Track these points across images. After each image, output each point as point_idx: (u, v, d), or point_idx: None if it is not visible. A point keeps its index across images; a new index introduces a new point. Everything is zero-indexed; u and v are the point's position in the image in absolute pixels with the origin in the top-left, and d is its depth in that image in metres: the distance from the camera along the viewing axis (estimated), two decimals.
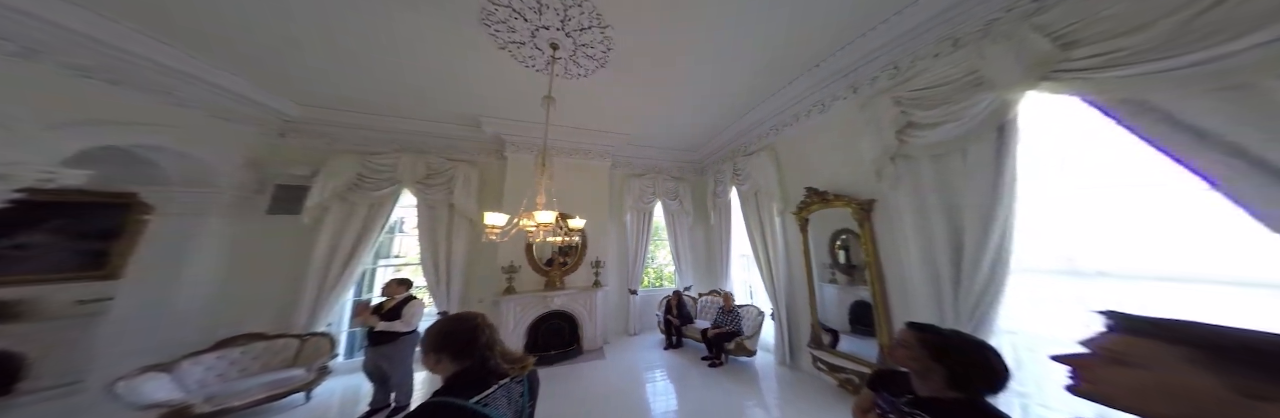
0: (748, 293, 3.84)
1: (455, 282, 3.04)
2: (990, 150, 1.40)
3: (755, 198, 3.14)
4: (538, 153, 1.97)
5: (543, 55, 2.05)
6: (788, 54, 2.17)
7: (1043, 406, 1.32)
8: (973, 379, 0.70)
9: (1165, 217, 1.08)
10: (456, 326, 0.78)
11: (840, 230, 2.33)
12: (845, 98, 2.31)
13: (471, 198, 3.17)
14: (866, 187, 2.08)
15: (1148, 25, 1.01)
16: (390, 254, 3.68)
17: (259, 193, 2.73)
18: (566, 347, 3.09)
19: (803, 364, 2.62)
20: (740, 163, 3.37)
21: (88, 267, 2.38)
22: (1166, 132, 0.97)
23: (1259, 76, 0.83)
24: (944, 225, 1.54)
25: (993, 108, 1.39)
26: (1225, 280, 1.00)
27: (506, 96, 2.71)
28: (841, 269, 2.34)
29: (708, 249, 4.21)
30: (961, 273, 1.43)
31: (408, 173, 2.95)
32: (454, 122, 3.17)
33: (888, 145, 1.82)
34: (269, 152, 2.78)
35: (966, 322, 1.38)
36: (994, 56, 1.37)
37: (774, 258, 2.87)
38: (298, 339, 2.50)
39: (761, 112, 3.01)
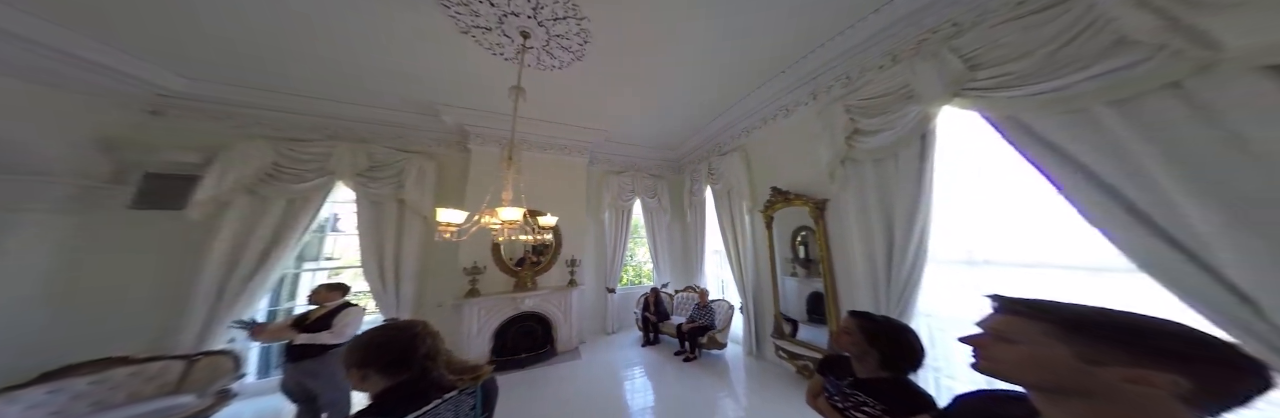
0: (720, 288, 4.06)
1: (406, 286, 2.75)
2: (915, 156, 1.63)
3: (728, 197, 3.33)
4: (505, 146, 1.85)
5: (512, 43, 1.95)
6: (758, 59, 2.32)
7: (950, 377, 1.60)
8: (898, 360, 0.82)
9: (1036, 215, 1.34)
10: (388, 336, 0.71)
11: (800, 228, 2.56)
12: (806, 104, 2.53)
13: (427, 193, 2.89)
14: (821, 187, 2.30)
15: (1028, 54, 1.25)
16: (320, 257, 3.18)
17: (117, 183, 2.17)
18: (539, 349, 3.05)
19: (767, 354, 2.85)
20: (715, 163, 3.55)
21: None
22: (1032, 145, 1.22)
23: (1090, 103, 1.07)
24: (880, 223, 1.77)
25: (918, 118, 1.62)
26: (1077, 266, 1.28)
27: (471, 85, 2.53)
28: (801, 264, 2.57)
29: (684, 246, 4.38)
30: (892, 264, 1.67)
31: (345, 164, 2.60)
32: (407, 109, 2.88)
33: (839, 150, 2.03)
34: (134, 132, 2.22)
35: (894, 307, 1.62)
36: (922, 72, 1.59)
37: (743, 254, 3.08)
38: (183, 361, 2.05)
39: (734, 113, 3.19)
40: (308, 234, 2.60)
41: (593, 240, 3.98)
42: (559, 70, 2.31)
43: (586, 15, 1.78)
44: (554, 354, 3.10)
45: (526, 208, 1.69)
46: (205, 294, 2.20)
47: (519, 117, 2.87)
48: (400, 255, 2.78)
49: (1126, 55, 1.01)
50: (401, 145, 3.00)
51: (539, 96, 2.68)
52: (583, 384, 2.57)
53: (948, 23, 1.62)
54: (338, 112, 2.78)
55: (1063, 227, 1.17)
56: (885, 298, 1.69)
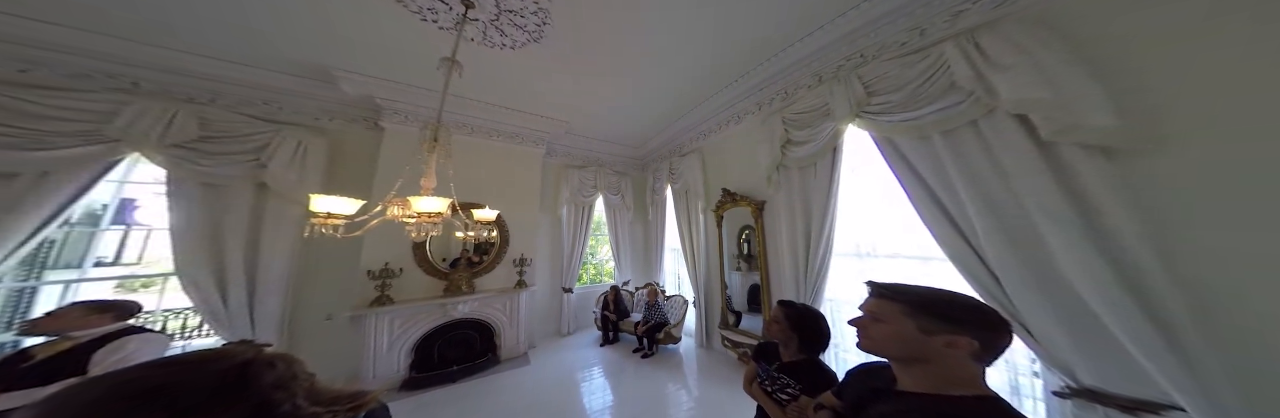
0: (677, 284, 4.38)
1: (268, 297, 2.22)
2: (828, 166, 2.02)
3: (686, 196, 3.62)
4: (429, 126, 1.53)
5: (450, 11, 1.74)
6: (714, 65, 2.54)
7: (846, 352, 2.04)
8: (811, 343, 0.97)
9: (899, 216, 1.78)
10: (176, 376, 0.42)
11: (744, 226, 2.92)
12: (753, 113, 2.88)
13: (310, 175, 2.39)
14: (761, 190, 2.66)
15: (902, 87, 1.64)
16: (84, 261, 2.19)
17: None
18: (476, 359, 2.82)
19: (716, 344, 3.20)
20: (675, 162, 3.82)
21: None
22: (896, 161, 1.63)
23: (931, 131, 1.48)
24: (802, 222, 2.14)
25: (832, 133, 2.00)
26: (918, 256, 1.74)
27: (390, 51, 2.16)
28: (744, 259, 2.94)
29: (645, 244, 4.62)
30: (809, 258, 2.05)
31: (147, 129, 1.93)
32: (283, 70, 2.36)
33: (775, 157, 2.38)
34: None
35: (809, 294, 2.00)
36: (836, 94, 1.96)
37: (697, 251, 3.39)
38: None
39: (694, 116, 3.47)
40: (52, 228, 1.82)
41: (548, 237, 3.93)
42: (511, 50, 2.13)
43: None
44: (496, 363, 2.94)
45: (459, 200, 1.52)
46: None
47: (460, 97, 2.68)
48: (257, 257, 2.22)
49: (954, 96, 1.42)
50: (267, 114, 2.44)
51: (488, 77, 2.53)
52: (532, 392, 2.47)
53: (857, 53, 2.01)
54: (147, 58, 2.04)
55: (913, 225, 1.58)
56: (803, 287, 2.07)
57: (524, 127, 3.43)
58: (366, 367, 2.45)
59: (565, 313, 3.91)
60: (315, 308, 2.51)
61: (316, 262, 2.51)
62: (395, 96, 2.68)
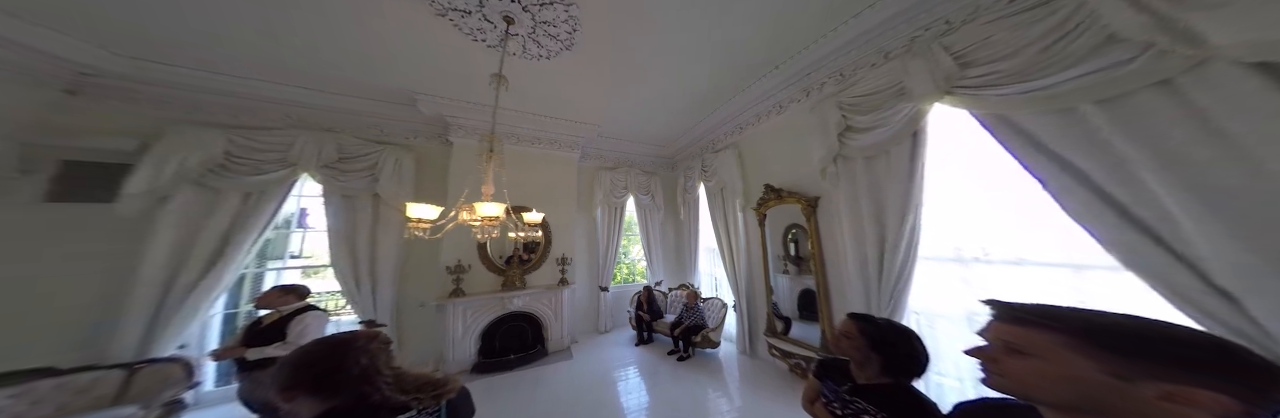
0: (713, 286, 4.07)
1: (383, 286, 2.59)
2: (906, 154, 1.64)
3: (721, 194, 3.33)
4: (485, 138, 1.69)
5: (495, 29, 1.84)
6: (750, 54, 2.29)
7: (939, 374, 1.63)
8: (902, 366, 0.79)
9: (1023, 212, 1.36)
10: (313, 355, 0.63)
11: (791, 225, 2.57)
12: (799, 101, 2.52)
13: (405, 187, 2.73)
14: (813, 184, 2.31)
15: (1017, 52, 1.25)
16: (285, 254, 2.91)
17: (27, 173, 1.91)
18: (529, 350, 2.99)
19: (760, 352, 2.88)
20: (708, 159, 3.54)
21: None
22: (1018, 142, 1.23)
23: (1077, 101, 1.08)
24: (872, 220, 1.78)
25: (910, 116, 1.62)
26: (1060, 264, 1.31)
27: (452, 73, 2.36)
28: (792, 261, 2.59)
29: (678, 244, 4.38)
30: (884, 262, 1.68)
31: (309, 155, 2.40)
32: (381, 98, 2.69)
33: (831, 147, 2.03)
34: (47, 114, 1.93)
35: (886, 305, 1.63)
36: (914, 70, 1.59)
37: (736, 252, 3.08)
38: (123, 369, 1.89)
39: (727, 110, 3.17)
40: (269, 231, 2.40)
41: (584, 238, 3.92)
42: (547, 60, 2.20)
43: (574, 1, 1.70)
44: (545, 355, 3.05)
45: (511, 204, 1.62)
46: (147, 296, 1.99)
47: (507, 109, 2.84)
48: (376, 254, 2.62)
49: (1114, 54, 1.02)
50: (376, 136, 2.85)
51: (528, 88, 2.60)
52: (575, 385, 2.53)
53: (940, 20, 1.62)
54: (300, 98, 2.54)
55: (1048, 224, 1.19)
56: (877, 296, 1.71)
57: (560, 132, 3.48)
58: (448, 349, 2.75)
59: (602, 311, 3.87)
60: (412, 297, 2.82)
61: (412, 258, 2.80)
62: (458, 113, 2.90)
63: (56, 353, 1.87)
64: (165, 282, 2.06)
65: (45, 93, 1.95)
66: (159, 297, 2.04)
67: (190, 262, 2.11)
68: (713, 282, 4.11)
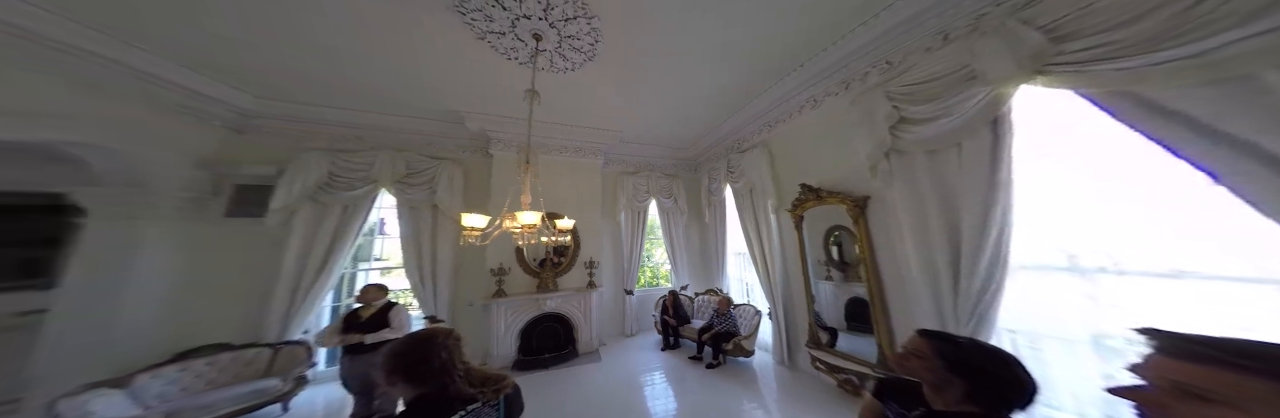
0: (744, 292, 3.84)
1: (442, 285, 2.93)
2: (985, 145, 1.39)
3: (750, 195, 3.12)
4: (522, 150, 1.88)
5: (526, 47, 1.94)
6: (778, 50, 2.14)
7: (1049, 407, 1.31)
8: (1002, 395, 0.64)
9: (1169, 211, 1.08)
10: (409, 346, 0.72)
11: (834, 227, 2.32)
12: (836, 94, 2.30)
13: (456, 198, 3.04)
14: (860, 183, 2.07)
15: (1140, 18, 1.00)
16: (371, 257, 3.47)
17: (216, 195, 2.52)
18: (561, 350, 3.04)
19: (801, 364, 2.62)
20: (734, 160, 3.35)
21: (21, 275, 2.18)
22: (1161, 124, 0.97)
23: (1255, 67, 0.83)
24: (941, 222, 1.53)
25: (986, 102, 1.38)
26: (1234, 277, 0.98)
27: (490, 91, 2.56)
28: (836, 266, 2.34)
29: (703, 248, 4.18)
30: (960, 271, 1.42)
31: (385, 172, 2.80)
32: (434, 117, 2.99)
33: (881, 141, 1.80)
34: (225, 149, 2.53)
35: (967, 321, 1.38)
36: (985, 51, 1.36)
37: (770, 256, 2.86)
38: (270, 349, 2.38)
39: (754, 108, 2.98)
40: (360, 237, 2.86)
41: (610, 242, 3.91)
42: (572, 72, 2.27)
43: (596, 14, 1.73)
44: (576, 355, 3.06)
45: (545, 211, 1.68)
46: (284, 291, 2.50)
47: (535, 120, 2.88)
48: (436, 257, 2.93)
49: None
50: (432, 152, 3.13)
51: (555, 99, 2.66)
52: (604, 387, 2.51)
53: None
54: (377, 123, 2.93)
55: (1210, 227, 0.92)
56: (953, 309, 1.45)
57: (585, 140, 3.54)
58: (493, 346, 2.90)
59: (628, 314, 3.83)
60: (463, 296, 3.06)
61: (463, 261, 3.06)
62: (497, 128, 3.09)
63: (230, 333, 2.37)
64: (295, 278, 2.54)
65: (222, 133, 2.57)
66: (291, 291, 2.52)
67: (310, 263, 2.58)
68: (743, 287, 3.88)
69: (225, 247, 2.48)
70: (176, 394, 2.03)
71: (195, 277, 2.36)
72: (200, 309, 2.34)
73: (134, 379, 1.92)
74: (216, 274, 2.43)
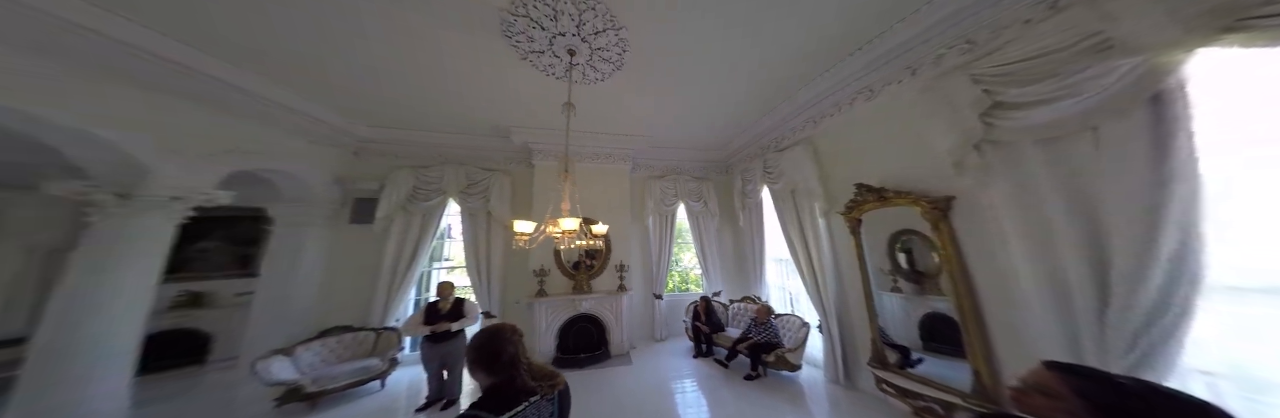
0: (787, 301, 3.49)
1: (495, 284, 3.22)
2: (1139, 128, 1.07)
3: (792, 197, 2.84)
4: (561, 159, 1.98)
5: (562, 62, 2.01)
6: (823, 39, 1.92)
7: None
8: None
9: None
10: (486, 340, 0.79)
11: (901, 232, 2.00)
12: (900, 81, 2.00)
13: (506, 205, 3.33)
14: (939, 181, 1.75)
15: None
16: (442, 258, 3.82)
17: (344, 206, 3.11)
18: (594, 350, 3.07)
19: (862, 384, 2.28)
20: (771, 160, 3.09)
21: (240, 266, 3.31)
22: None
23: None
24: (1073, 228, 1.20)
25: (1138, 75, 1.07)
26: None
27: (531, 106, 2.72)
28: (906, 277, 2.00)
29: (737, 253, 3.92)
30: (1111, 291, 1.09)
31: (452, 184, 3.20)
32: (486, 133, 3.28)
33: (968, 131, 1.50)
34: (348, 169, 3.12)
35: (1124, 355, 1.04)
36: (1128, 13, 1.05)
37: (819, 263, 2.56)
38: (374, 332, 2.80)
39: (794, 104, 2.73)
40: (434, 240, 3.28)
41: (639, 246, 3.86)
42: (602, 82, 2.31)
43: (624, 24, 1.73)
44: (608, 357, 3.08)
45: (581, 217, 1.76)
46: (382, 285, 2.95)
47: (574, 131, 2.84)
48: (490, 258, 3.26)
49: None
50: (485, 165, 3.44)
51: (586, 109, 2.69)
52: (635, 390, 2.46)
53: None
54: (445, 141, 3.32)
55: None
56: (1097, 339, 1.12)
57: (614, 146, 3.59)
58: (536, 344, 2.97)
59: (657, 319, 3.75)
60: (511, 294, 3.30)
61: (510, 263, 3.34)
62: (539, 140, 3.31)
63: (350, 317, 2.85)
64: (390, 274, 2.98)
65: (346, 156, 3.17)
66: (388, 285, 2.96)
67: (401, 261, 3.03)
68: (786, 296, 3.54)
69: (349, 248, 3.03)
70: (319, 364, 2.46)
71: (332, 271, 2.95)
72: (334, 297, 2.90)
73: (295, 350, 2.42)
74: (343, 269, 2.97)
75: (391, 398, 2.47)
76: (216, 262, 3.30)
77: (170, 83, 1.87)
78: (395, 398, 2.47)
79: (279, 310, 2.65)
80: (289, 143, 2.57)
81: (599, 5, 1.59)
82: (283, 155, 2.51)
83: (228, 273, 3.31)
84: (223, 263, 3.32)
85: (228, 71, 2.00)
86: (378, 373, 2.52)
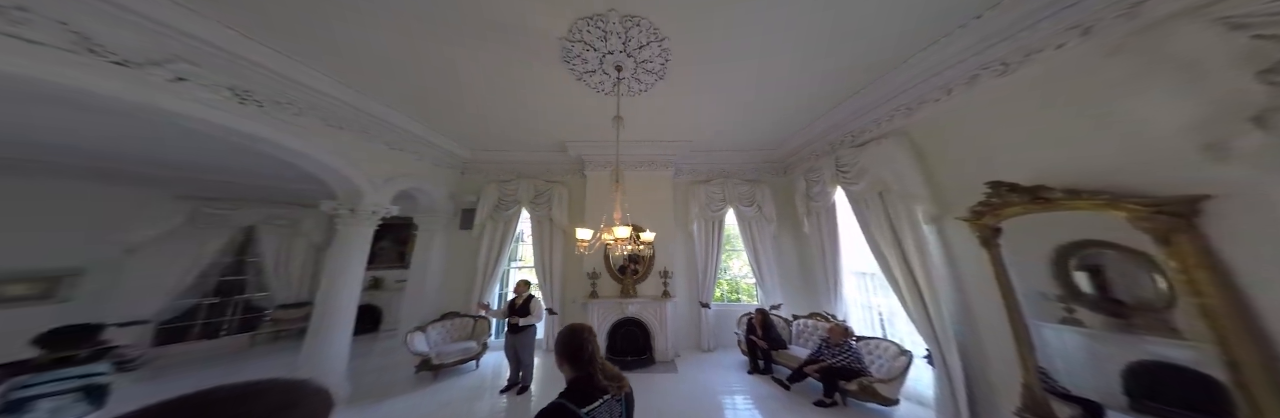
0: (876, 322, 2.85)
1: (556, 283, 3.47)
2: None
3: (880, 200, 2.32)
4: (612, 169, 2.14)
5: (610, 78, 2.05)
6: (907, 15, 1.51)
7: None
8: None
9: None
10: (569, 336, 0.85)
11: (1079, 244, 1.43)
12: (1060, 46, 1.47)
13: (563, 212, 3.59)
14: (1168, 173, 1.19)
15: None
16: (517, 258, 4.34)
17: (455, 216, 3.71)
18: (640, 354, 3.04)
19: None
20: (846, 156, 2.59)
21: (398, 260, 4.38)
22: None
23: None
24: None
25: None
26: None
27: (583, 121, 2.83)
28: (1092, 305, 1.41)
29: (802, 262, 3.41)
30: None
31: (524, 195, 3.57)
32: (549, 149, 3.58)
33: (1234, 99, 0.98)
34: (457, 186, 3.71)
35: None
36: None
37: (926, 281, 2.01)
38: (472, 319, 3.23)
39: (874, 93, 2.25)
40: (512, 244, 3.73)
41: (683, 253, 3.63)
42: (644, 93, 2.28)
43: (666, 35, 1.72)
44: (653, 362, 2.99)
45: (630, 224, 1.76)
46: (478, 279, 3.46)
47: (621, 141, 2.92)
48: (552, 260, 3.53)
49: None
50: (548, 177, 3.75)
51: (630, 119, 2.58)
52: (681, 402, 2.31)
53: None
54: (519, 158, 3.74)
55: None
56: None
57: (657, 153, 3.52)
58: None
59: (704, 328, 3.43)
60: (569, 293, 3.49)
61: (568, 265, 3.55)
62: (590, 152, 3.49)
63: (458, 305, 3.37)
64: (482, 271, 3.47)
65: (455, 173, 3.75)
66: (481, 279, 3.44)
67: (489, 261, 3.50)
68: (872, 317, 2.90)
69: (458, 249, 3.60)
70: (440, 342, 2.95)
71: (449, 267, 3.57)
72: (450, 288, 3.46)
73: (428, 327, 2.95)
74: (455, 266, 3.55)
75: (482, 378, 2.79)
76: (387, 256, 4.33)
77: (368, 127, 2.53)
78: (485, 378, 2.78)
79: (419, 296, 3.29)
80: (424, 167, 3.17)
81: (644, 21, 1.60)
82: (422, 177, 3.10)
83: (392, 265, 4.36)
84: (390, 257, 4.39)
85: (390, 114, 2.58)
86: (475, 354, 2.93)
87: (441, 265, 3.51)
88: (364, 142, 2.51)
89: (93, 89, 1.25)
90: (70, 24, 1.20)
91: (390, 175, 2.70)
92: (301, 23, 1.54)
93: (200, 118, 1.58)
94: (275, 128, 1.87)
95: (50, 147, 2.37)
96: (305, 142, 2.04)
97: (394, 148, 2.78)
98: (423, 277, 3.36)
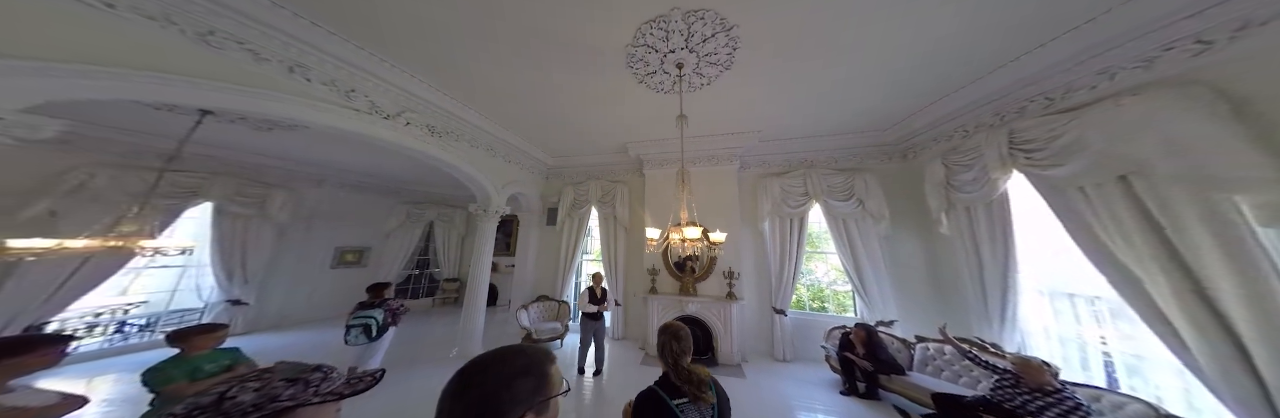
0: (1078, 362, 1.79)
1: (620, 277, 3.45)
2: None
3: (1121, 186, 1.45)
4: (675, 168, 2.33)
5: (670, 77, 1.93)
6: None
7: None
8: None
9: None
10: (660, 333, 0.89)
11: None
12: None
13: (626, 210, 3.58)
14: None
15: None
16: (588, 251, 4.52)
17: (543, 214, 4.01)
18: (701, 354, 2.81)
19: None
20: (1033, 129, 1.74)
21: (506, 250, 4.69)
22: None
23: None
24: None
25: None
26: None
27: (642, 121, 2.72)
28: None
29: (933, 272, 2.55)
30: None
31: (594, 195, 3.64)
32: (612, 151, 3.55)
33: None
34: (544, 188, 4.05)
35: None
36: None
37: (1243, 312, 1.14)
38: (557, 302, 3.45)
39: (1103, 32, 1.39)
40: (584, 238, 3.85)
41: (752, 253, 3.08)
42: (707, 86, 2.08)
43: (736, 23, 1.50)
44: (715, 364, 2.74)
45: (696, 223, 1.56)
46: (560, 269, 3.62)
47: (671, 138, 3.00)
48: (616, 255, 3.53)
49: None
50: (612, 178, 3.77)
51: (690, 114, 2.26)
52: (755, 407, 2.06)
53: None
54: (589, 161, 3.83)
55: None
56: None
57: (719, 147, 3.10)
58: (650, 336, 3.00)
59: (778, 336, 2.84)
60: (631, 287, 3.45)
61: (630, 260, 3.53)
62: (649, 151, 3.35)
63: (545, 290, 3.67)
64: (565, 261, 3.64)
65: (541, 177, 4.06)
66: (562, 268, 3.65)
67: (568, 254, 3.65)
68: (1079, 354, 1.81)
69: (545, 242, 3.91)
70: (536, 320, 3.22)
71: (539, 257, 3.87)
72: (540, 274, 3.81)
73: (528, 307, 3.27)
74: (543, 257, 3.85)
75: (563, 357, 2.77)
76: (499, 246, 4.79)
77: (493, 145, 3.00)
78: (565, 357, 2.77)
79: (521, 279, 3.75)
80: (524, 174, 3.61)
81: (707, 14, 1.45)
82: (523, 182, 3.56)
83: (501, 253, 4.81)
84: (500, 247, 4.82)
85: (505, 133, 2.98)
86: (559, 335, 3.05)
87: (535, 256, 3.86)
88: (488, 157, 3.01)
89: (374, 135, 2.04)
90: (368, 96, 1.96)
91: (506, 182, 3.22)
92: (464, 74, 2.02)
93: (417, 148, 2.31)
94: (445, 150, 2.52)
95: (340, 167, 4.02)
96: (459, 158, 2.65)
97: (508, 161, 3.28)
98: (525, 264, 3.78)
